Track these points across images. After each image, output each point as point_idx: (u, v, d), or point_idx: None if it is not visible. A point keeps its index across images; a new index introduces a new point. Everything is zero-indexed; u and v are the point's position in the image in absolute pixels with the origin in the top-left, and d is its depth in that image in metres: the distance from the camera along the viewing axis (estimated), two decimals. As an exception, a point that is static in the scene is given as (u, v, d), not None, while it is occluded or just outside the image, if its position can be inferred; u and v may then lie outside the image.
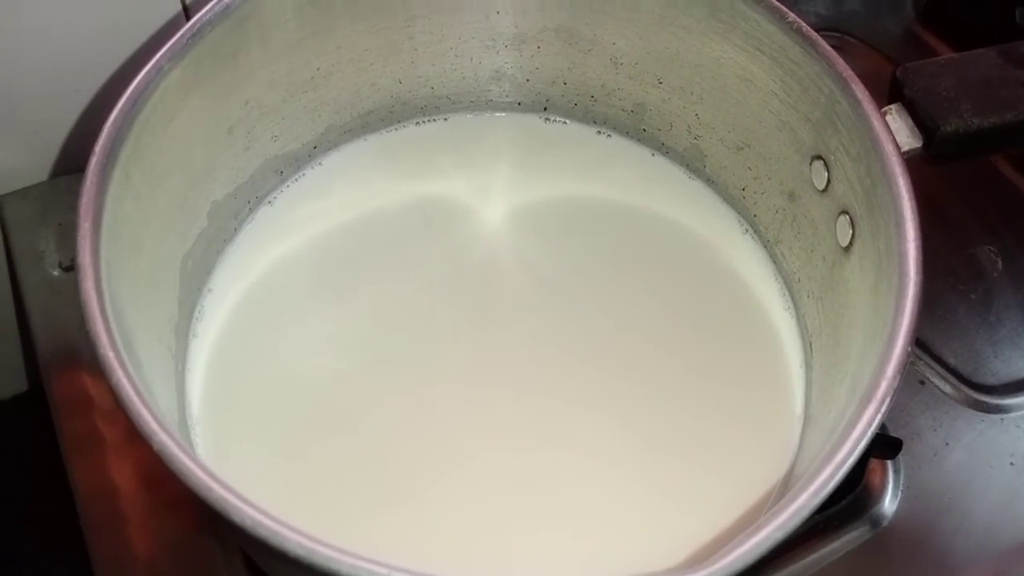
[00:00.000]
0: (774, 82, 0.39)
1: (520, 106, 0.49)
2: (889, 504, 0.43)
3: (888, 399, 0.29)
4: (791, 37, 0.37)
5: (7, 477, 0.63)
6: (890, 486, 0.44)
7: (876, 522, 0.43)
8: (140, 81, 0.34)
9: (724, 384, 0.41)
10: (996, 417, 0.46)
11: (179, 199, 0.38)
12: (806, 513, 0.26)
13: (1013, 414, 0.46)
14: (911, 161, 0.35)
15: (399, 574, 0.25)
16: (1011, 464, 0.45)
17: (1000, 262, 0.52)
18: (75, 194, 0.49)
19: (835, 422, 0.31)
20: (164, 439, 0.26)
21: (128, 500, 0.41)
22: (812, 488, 0.27)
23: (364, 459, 0.39)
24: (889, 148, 0.33)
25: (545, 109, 0.49)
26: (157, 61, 0.34)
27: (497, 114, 0.49)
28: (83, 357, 0.45)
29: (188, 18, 0.44)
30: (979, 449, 0.45)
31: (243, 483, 0.36)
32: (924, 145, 0.34)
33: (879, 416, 0.28)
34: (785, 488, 0.38)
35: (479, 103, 0.49)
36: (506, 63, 0.47)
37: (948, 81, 0.34)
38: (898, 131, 0.34)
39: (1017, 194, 0.54)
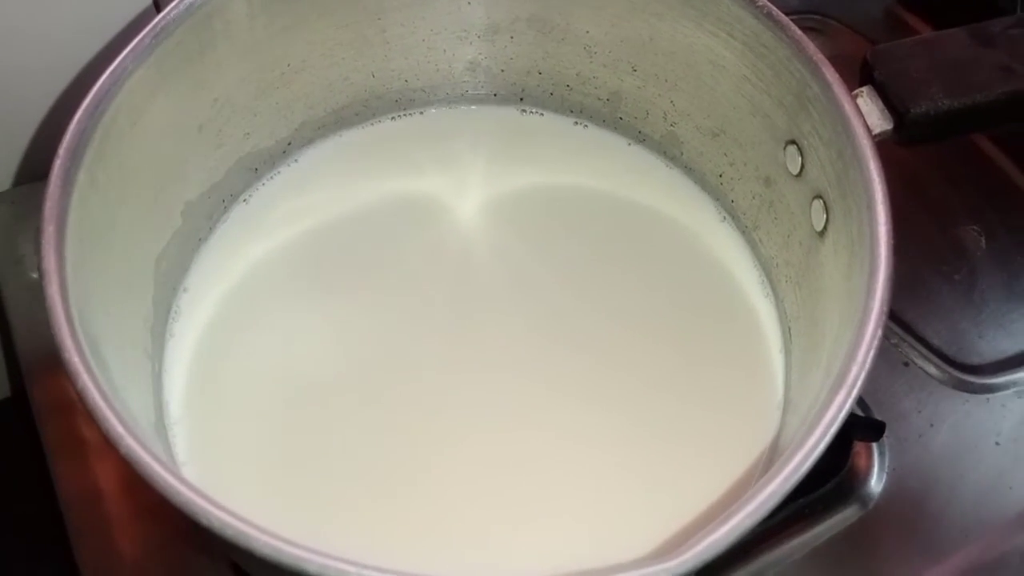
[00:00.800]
0: (746, 67, 0.39)
1: (496, 97, 0.48)
2: (875, 486, 0.43)
3: (859, 383, 0.28)
4: (761, 22, 0.37)
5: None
6: (876, 468, 0.44)
7: (863, 504, 0.43)
8: (104, 82, 0.33)
9: (705, 370, 0.41)
10: (981, 397, 0.46)
11: (149, 200, 0.38)
12: (776, 500, 0.26)
13: (998, 393, 0.46)
14: (884, 144, 0.34)
15: (369, 572, 0.24)
16: (996, 444, 0.45)
17: (983, 241, 0.52)
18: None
19: (810, 406, 0.31)
20: (131, 443, 0.26)
21: (113, 503, 0.41)
22: (782, 475, 0.26)
23: (346, 455, 0.38)
24: (860, 131, 0.33)
25: (521, 100, 0.48)
26: (121, 61, 0.34)
27: (473, 107, 0.49)
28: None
29: (159, 10, 0.44)
30: (964, 429, 0.45)
31: (224, 484, 0.36)
32: (895, 128, 0.34)
33: (850, 400, 0.28)
34: (766, 472, 0.38)
35: (454, 96, 0.48)
36: (480, 54, 0.46)
37: (919, 63, 0.34)
38: (869, 114, 0.34)
39: (999, 173, 0.54)
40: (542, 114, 0.48)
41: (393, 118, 0.48)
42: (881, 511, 0.43)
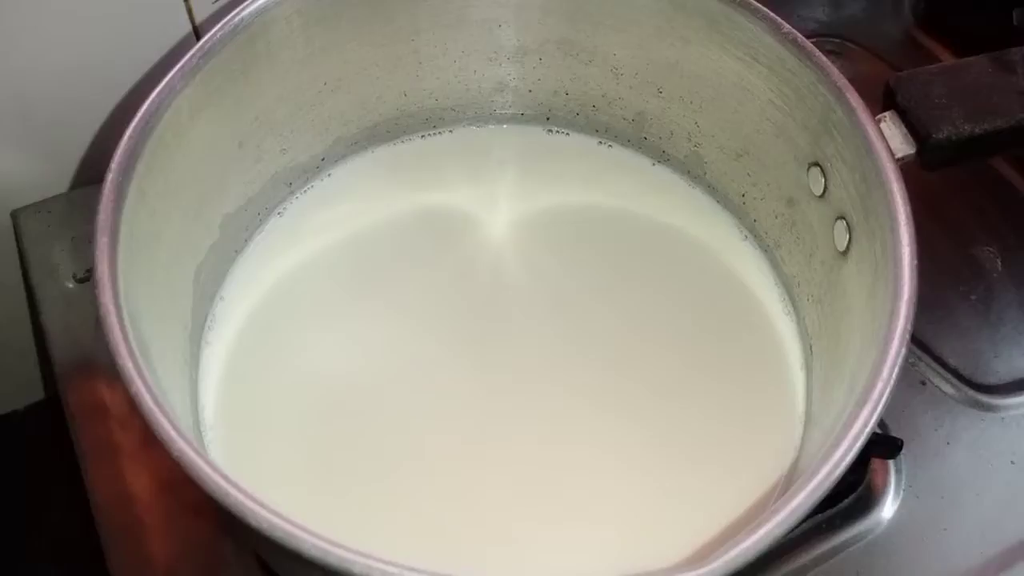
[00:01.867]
0: (771, 91, 0.40)
1: (523, 117, 0.50)
2: (891, 503, 0.44)
3: (884, 400, 0.29)
4: (787, 48, 0.38)
5: (24, 486, 0.64)
6: (892, 485, 0.44)
7: (878, 521, 0.44)
8: (153, 100, 0.35)
9: (727, 386, 0.42)
10: (997, 416, 0.47)
11: (192, 213, 0.39)
12: (804, 511, 0.27)
13: (1014, 412, 0.47)
14: (907, 167, 0.35)
15: (411, 574, 0.25)
16: (1012, 463, 0.46)
17: (1000, 262, 0.53)
18: (88, 208, 0.50)
19: (834, 422, 0.32)
20: (183, 446, 0.27)
21: (144, 506, 0.42)
22: (810, 487, 0.27)
23: (377, 461, 0.39)
24: (883, 155, 0.34)
25: (548, 120, 0.49)
26: (170, 80, 0.35)
27: (501, 126, 0.50)
28: (99, 366, 0.46)
29: (198, 37, 0.46)
30: (980, 448, 0.46)
31: (255, 486, 0.37)
32: (917, 152, 0.35)
33: (875, 416, 0.29)
34: (788, 486, 0.38)
35: (483, 115, 0.49)
36: (509, 75, 0.48)
37: (940, 89, 0.35)
38: (892, 138, 0.35)
39: (1016, 194, 0.55)
40: (568, 134, 0.50)
41: (423, 136, 0.49)
42: (897, 528, 0.43)
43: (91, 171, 0.52)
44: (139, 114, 0.34)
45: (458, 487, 0.39)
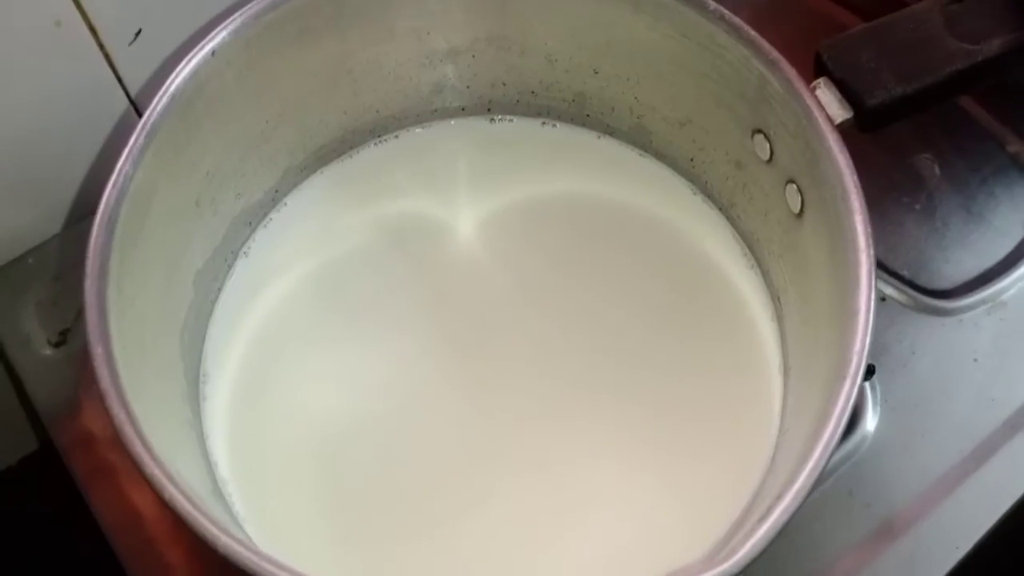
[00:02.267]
0: (705, 65, 0.41)
1: (464, 111, 0.50)
2: (871, 420, 0.47)
3: (860, 372, 0.32)
4: (716, 24, 0.39)
5: (25, 536, 0.65)
6: (869, 403, 0.47)
7: (862, 439, 0.46)
8: (110, 193, 0.35)
9: (702, 344, 0.44)
10: (955, 319, 0.49)
11: (166, 283, 0.40)
12: (806, 493, 0.29)
13: (970, 313, 0.50)
14: (845, 130, 0.37)
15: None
16: (975, 360, 0.48)
17: (938, 168, 0.55)
18: (45, 269, 0.50)
19: (819, 392, 0.34)
20: (228, 541, 0.29)
21: (153, 521, 0.43)
22: (806, 471, 0.30)
23: (386, 488, 0.41)
24: (824, 124, 0.36)
25: (490, 110, 0.50)
26: (120, 168, 0.35)
27: (446, 122, 0.50)
28: (83, 404, 0.46)
29: (137, 111, 0.45)
30: (944, 352, 0.48)
31: (283, 535, 0.39)
32: (855, 115, 0.36)
33: (855, 388, 0.31)
34: (779, 434, 0.41)
35: (425, 115, 0.50)
36: (445, 75, 0.48)
37: (869, 52, 0.36)
38: (828, 104, 0.37)
39: (945, 99, 0.57)
40: (511, 120, 0.50)
41: (370, 146, 0.50)
42: (879, 442, 0.46)
43: (40, 233, 0.51)
44: (100, 211, 0.34)
45: (472, 495, 0.41)
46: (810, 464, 0.30)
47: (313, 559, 0.39)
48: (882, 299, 0.50)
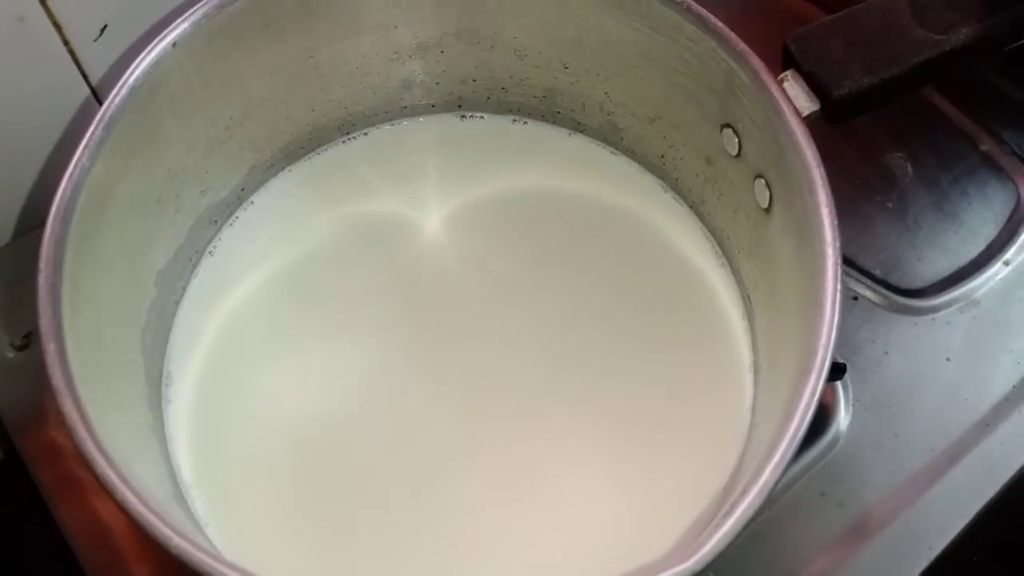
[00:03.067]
0: (674, 58, 0.41)
1: (434, 108, 0.49)
2: (843, 420, 0.47)
3: (825, 366, 0.31)
4: (683, 16, 0.39)
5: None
6: (841, 403, 0.47)
7: (834, 439, 0.46)
8: (66, 186, 0.34)
9: (674, 344, 0.44)
10: (928, 318, 0.49)
11: (126, 282, 0.39)
12: (771, 487, 0.29)
13: (942, 312, 0.50)
14: (813, 122, 0.37)
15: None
16: (947, 360, 0.48)
17: (910, 167, 0.55)
18: (6, 272, 0.49)
19: (786, 385, 0.34)
20: (180, 542, 0.28)
21: (119, 534, 0.42)
22: (772, 463, 0.29)
23: (353, 490, 0.40)
24: (790, 116, 0.35)
25: (459, 107, 0.49)
26: (78, 160, 0.35)
27: (416, 119, 0.50)
28: (48, 415, 0.45)
29: (99, 100, 0.44)
30: (917, 351, 0.48)
31: (245, 538, 0.38)
32: (821, 107, 0.36)
33: (821, 382, 0.31)
34: (749, 431, 0.40)
35: (394, 112, 0.49)
36: (414, 71, 0.47)
37: (836, 43, 0.36)
38: (796, 97, 0.36)
39: (919, 98, 0.57)
40: (482, 117, 0.50)
41: (338, 144, 0.49)
42: (852, 442, 0.46)
43: (2, 235, 0.51)
44: (55, 203, 0.34)
45: (442, 498, 0.40)
46: (775, 459, 0.29)
47: (277, 562, 0.38)
48: (854, 298, 0.50)
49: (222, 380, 0.43)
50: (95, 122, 0.35)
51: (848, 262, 0.51)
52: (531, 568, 0.38)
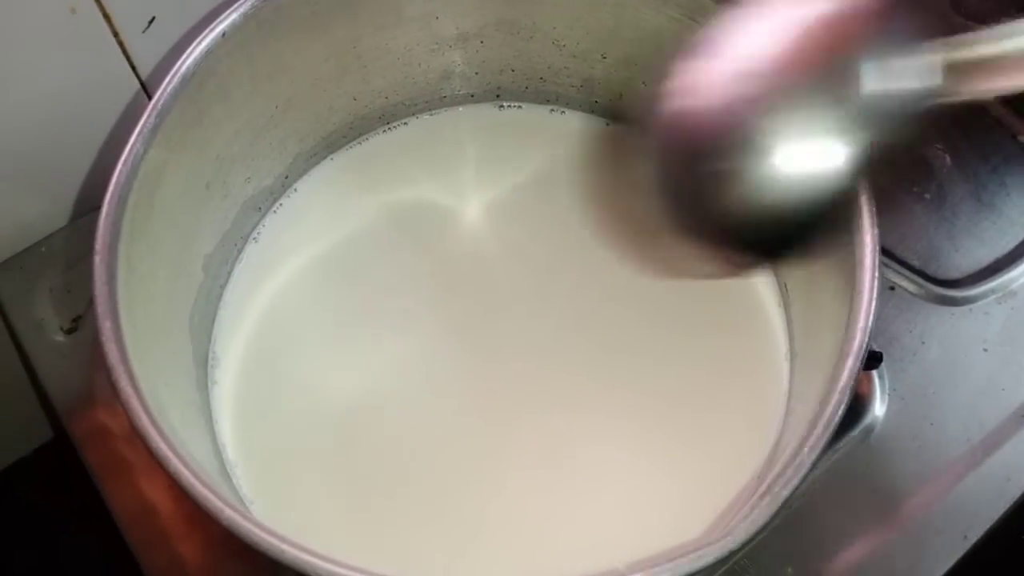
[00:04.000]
0: (713, 48, 0.41)
1: (473, 97, 0.50)
2: (879, 409, 0.47)
3: (863, 349, 0.32)
4: (720, 5, 0.39)
5: (38, 528, 0.66)
6: (877, 392, 0.47)
7: (869, 428, 0.46)
8: (120, 172, 0.35)
9: (711, 333, 0.44)
10: (965, 308, 0.49)
11: (175, 265, 0.40)
12: (806, 470, 0.29)
13: (980, 302, 0.50)
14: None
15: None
16: (984, 350, 0.48)
17: (948, 157, 0.54)
18: (59, 258, 0.51)
19: (822, 370, 0.34)
20: (232, 514, 0.29)
21: (166, 515, 0.43)
22: (808, 446, 0.30)
23: (396, 469, 0.41)
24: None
25: (498, 96, 0.50)
26: (131, 147, 0.36)
27: (455, 109, 0.50)
28: (96, 397, 0.47)
29: (147, 92, 0.45)
30: (953, 341, 0.48)
31: (291, 517, 0.39)
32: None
33: (858, 367, 0.31)
34: (785, 416, 0.41)
35: (434, 102, 0.50)
36: (454, 61, 0.48)
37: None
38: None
39: (956, 88, 0.56)
40: (520, 106, 0.50)
41: (380, 133, 0.50)
42: (887, 432, 0.46)
43: (52, 222, 0.52)
44: (111, 186, 0.35)
45: (483, 475, 0.41)
46: (811, 441, 0.30)
47: (319, 539, 0.39)
48: (891, 288, 0.50)
49: (266, 362, 0.44)
50: (148, 109, 0.37)
51: (885, 252, 0.51)
52: (570, 545, 0.38)
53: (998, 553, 0.45)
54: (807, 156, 0.28)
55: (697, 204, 0.30)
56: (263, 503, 0.40)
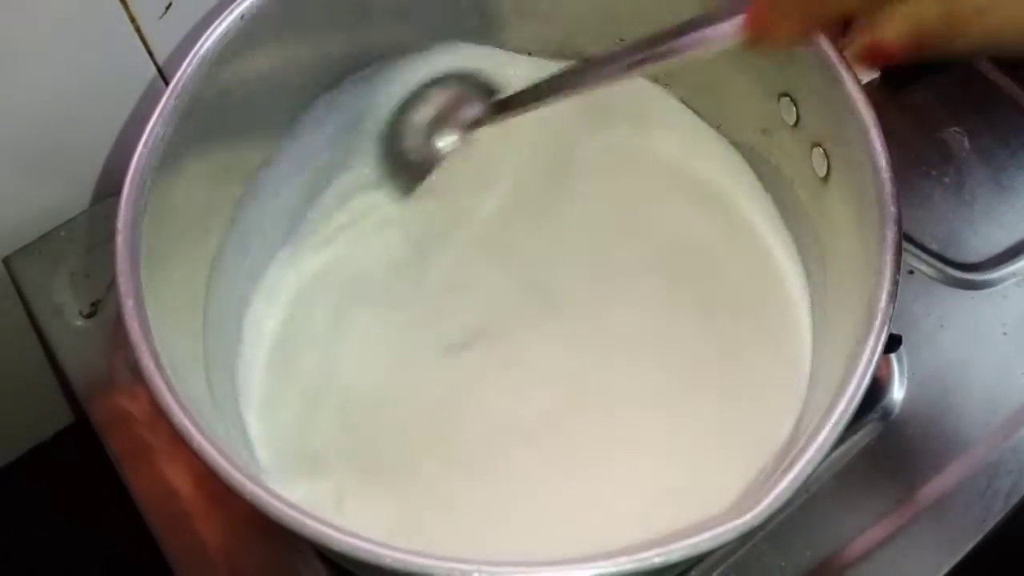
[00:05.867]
0: (732, 28, 0.41)
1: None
2: (898, 392, 0.47)
3: (885, 327, 0.31)
4: (741, -14, 0.38)
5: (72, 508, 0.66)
6: (896, 376, 0.47)
7: (887, 412, 0.46)
8: (140, 153, 0.35)
9: (734, 308, 0.44)
10: (984, 292, 0.49)
11: (194, 247, 0.40)
12: (829, 446, 0.29)
13: (999, 286, 0.49)
14: (872, 91, 0.37)
15: (489, 568, 0.27)
16: (1004, 334, 0.48)
17: (967, 140, 0.54)
18: (78, 242, 0.51)
19: (844, 348, 0.34)
20: (255, 488, 0.29)
21: (187, 498, 0.44)
22: (831, 423, 0.30)
23: (410, 447, 0.41)
24: (850, 82, 0.35)
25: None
26: (152, 127, 0.36)
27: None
28: (116, 382, 0.47)
29: (163, 77, 0.46)
30: (972, 325, 0.48)
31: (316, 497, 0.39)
32: (881, 75, 0.36)
33: (880, 346, 0.31)
34: (807, 397, 0.41)
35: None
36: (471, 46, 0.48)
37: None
38: (855, 63, 0.36)
39: (976, 73, 0.56)
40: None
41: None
42: (906, 416, 0.46)
43: (72, 207, 0.52)
44: (132, 167, 0.35)
45: (501, 455, 0.41)
46: (832, 421, 0.30)
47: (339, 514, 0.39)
48: (910, 272, 0.50)
49: (288, 348, 0.44)
50: (168, 91, 0.37)
51: (904, 236, 0.50)
52: (591, 522, 0.39)
53: (1017, 536, 0.45)
54: None
55: None
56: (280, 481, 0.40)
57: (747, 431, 0.39)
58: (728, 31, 0.31)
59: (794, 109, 0.40)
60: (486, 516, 0.39)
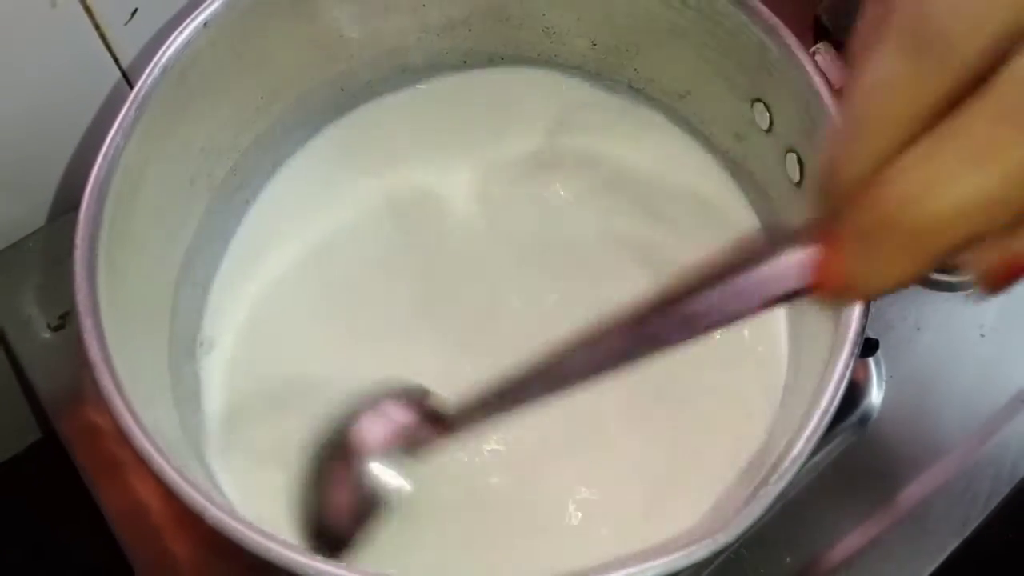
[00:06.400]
0: (704, 33, 0.40)
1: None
2: (875, 397, 0.46)
3: (858, 336, 0.31)
4: (713, -10, 0.38)
5: (40, 523, 0.65)
6: (874, 380, 0.46)
7: (866, 416, 0.46)
8: (100, 166, 0.34)
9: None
10: (961, 295, 0.49)
11: (159, 260, 0.39)
12: (800, 464, 0.29)
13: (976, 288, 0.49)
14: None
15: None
16: (981, 336, 0.48)
17: (942, 141, 0.54)
18: (44, 254, 0.50)
19: (819, 357, 0.33)
20: (216, 512, 0.28)
21: (157, 512, 0.43)
22: (800, 442, 0.29)
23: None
24: (823, 89, 0.35)
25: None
26: (112, 139, 0.35)
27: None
28: (85, 396, 0.46)
29: (129, 84, 0.45)
30: (950, 327, 0.48)
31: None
32: (855, 80, 0.35)
33: (854, 354, 0.31)
34: (780, 405, 0.40)
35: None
36: (442, 48, 0.47)
37: (868, 14, 0.35)
38: (828, 69, 0.36)
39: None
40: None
41: (367, 118, 0.49)
42: (884, 420, 0.46)
43: (39, 218, 0.51)
44: (91, 181, 0.34)
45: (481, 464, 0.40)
46: (807, 431, 0.29)
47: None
48: (886, 276, 0.49)
49: (253, 354, 0.43)
50: (128, 101, 0.36)
51: (880, 239, 0.50)
52: (563, 543, 0.38)
53: (997, 539, 0.45)
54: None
55: None
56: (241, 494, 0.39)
57: (721, 441, 0.39)
58: (790, 275, 0.21)
59: (767, 115, 0.40)
60: (459, 539, 0.38)
